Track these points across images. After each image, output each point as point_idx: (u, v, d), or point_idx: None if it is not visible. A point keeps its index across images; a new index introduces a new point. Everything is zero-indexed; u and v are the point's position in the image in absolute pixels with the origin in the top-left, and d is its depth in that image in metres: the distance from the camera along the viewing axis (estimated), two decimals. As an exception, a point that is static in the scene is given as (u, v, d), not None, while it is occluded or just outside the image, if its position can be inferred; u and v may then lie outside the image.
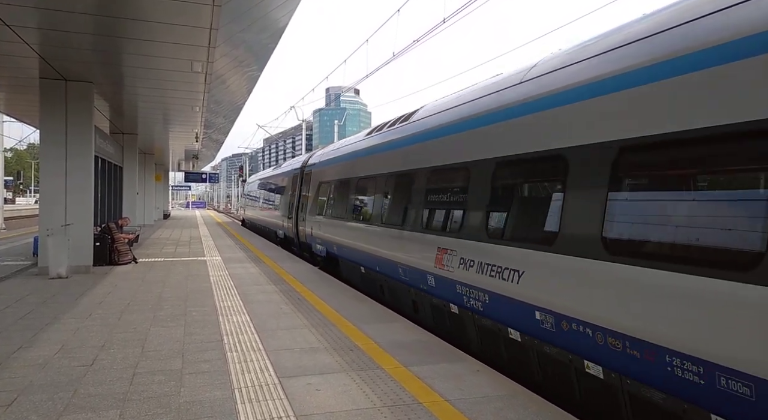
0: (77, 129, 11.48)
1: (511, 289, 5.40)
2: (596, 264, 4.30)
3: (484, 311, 5.98)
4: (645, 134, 4.01)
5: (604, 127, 4.44)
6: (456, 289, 6.56)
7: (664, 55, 3.99)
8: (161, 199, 38.21)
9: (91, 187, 11.84)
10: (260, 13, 9.47)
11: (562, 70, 5.24)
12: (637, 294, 3.88)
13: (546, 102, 5.28)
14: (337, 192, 12.65)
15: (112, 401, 4.29)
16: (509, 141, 5.85)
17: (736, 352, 3.20)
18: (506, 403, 4.29)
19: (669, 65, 3.92)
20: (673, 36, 4.01)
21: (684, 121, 3.72)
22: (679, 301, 3.57)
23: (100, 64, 10.47)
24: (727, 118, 3.43)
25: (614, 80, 4.43)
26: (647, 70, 4.11)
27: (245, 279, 10.72)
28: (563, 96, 5.03)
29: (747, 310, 3.14)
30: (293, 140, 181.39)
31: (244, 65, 13.36)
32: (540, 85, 5.50)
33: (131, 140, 21.21)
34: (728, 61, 3.47)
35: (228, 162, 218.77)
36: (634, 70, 4.24)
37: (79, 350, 5.72)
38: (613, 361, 4.11)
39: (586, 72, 4.81)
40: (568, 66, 5.19)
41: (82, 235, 11.49)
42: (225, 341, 6.09)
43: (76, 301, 8.42)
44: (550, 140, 5.11)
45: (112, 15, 7.76)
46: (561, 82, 5.15)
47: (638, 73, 4.19)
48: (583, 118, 4.70)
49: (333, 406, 4.20)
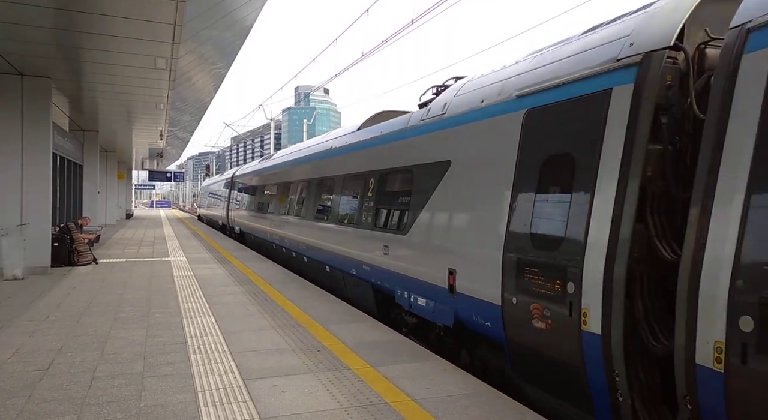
0: (34, 125, 11.09)
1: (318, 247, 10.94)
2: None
3: (332, 263, 10.08)
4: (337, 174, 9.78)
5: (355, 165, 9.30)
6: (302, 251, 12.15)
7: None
8: (124, 198, 37.29)
9: (48, 185, 11.46)
10: (226, 10, 9.34)
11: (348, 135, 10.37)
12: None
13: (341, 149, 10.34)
14: (246, 194, 20.34)
15: (69, 406, 4.16)
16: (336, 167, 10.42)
17: None
18: (472, 401, 4.34)
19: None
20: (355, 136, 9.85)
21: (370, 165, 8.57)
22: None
23: (58, 59, 10.14)
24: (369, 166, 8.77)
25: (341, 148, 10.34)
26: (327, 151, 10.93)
27: (211, 280, 10.54)
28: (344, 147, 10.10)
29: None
30: (262, 139, 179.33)
31: (210, 63, 13.16)
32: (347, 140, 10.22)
33: (92, 137, 20.62)
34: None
35: (194, 161, 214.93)
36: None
37: (35, 354, 5.52)
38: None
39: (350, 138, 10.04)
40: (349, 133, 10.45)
41: (40, 235, 11.11)
42: (189, 343, 5.97)
43: (33, 303, 8.12)
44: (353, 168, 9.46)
45: (71, 8, 7.53)
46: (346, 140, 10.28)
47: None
48: (352, 159, 9.49)
49: (299, 407, 4.17)
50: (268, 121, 42.98)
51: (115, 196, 30.33)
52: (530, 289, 4.47)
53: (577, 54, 4.53)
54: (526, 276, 4.53)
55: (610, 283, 3.70)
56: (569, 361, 4.08)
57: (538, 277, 4.40)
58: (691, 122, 3.67)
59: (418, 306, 6.62)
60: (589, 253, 3.90)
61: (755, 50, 3.05)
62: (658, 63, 3.68)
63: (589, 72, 4.22)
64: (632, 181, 3.69)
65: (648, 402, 3.66)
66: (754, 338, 2.78)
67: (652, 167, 3.68)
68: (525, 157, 4.80)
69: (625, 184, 3.73)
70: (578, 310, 3.95)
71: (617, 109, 3.87)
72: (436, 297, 6.12)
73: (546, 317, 4.28)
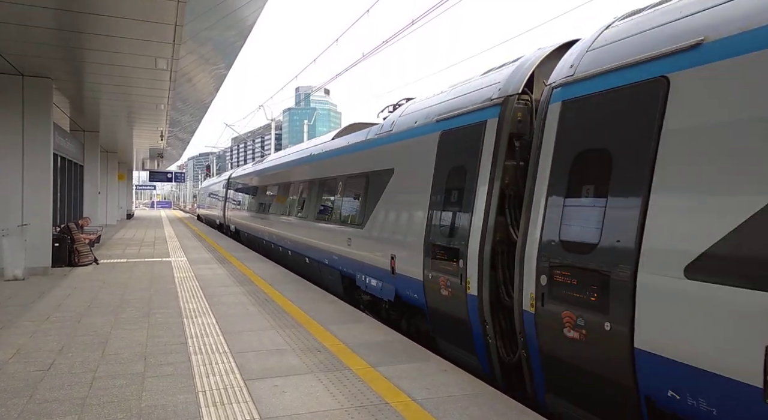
0: (35, 126, 11.09)
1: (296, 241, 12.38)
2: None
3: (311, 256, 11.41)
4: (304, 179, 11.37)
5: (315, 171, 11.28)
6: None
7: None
8: (124, 199, 37.29)
9: (49, 186, 11.46)
10: (227, 10, 9.34)
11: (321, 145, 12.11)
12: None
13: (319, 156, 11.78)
14: (240, 195, 22.32)
15: (70, 406, 4.16)
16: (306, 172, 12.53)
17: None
18: (472, 401, 4.34)
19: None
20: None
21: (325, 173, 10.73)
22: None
23: (59, 59, 10.14)
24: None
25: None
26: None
27: (212, 280, 10.54)
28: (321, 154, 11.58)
29: None
30: (262, 140, 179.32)
31: (211, 63, 13.16)
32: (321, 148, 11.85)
33: (93, 138, 20.61)
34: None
35: (195, 161, 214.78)
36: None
37: (36, 354, 5.52)
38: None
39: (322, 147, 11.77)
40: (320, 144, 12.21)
41: (40, 236, 11.12)
42: (189, 344, 5.97)
43: (33, 303, 8.13)
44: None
45: (73, 9, 7.53)
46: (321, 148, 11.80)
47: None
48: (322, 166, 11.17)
49: (299, 408, 4.17)
50: (269, 122, 42.97)
51: (116, 197, 30.31)
52: (439, 266, 5.99)
53: (471, 92, 6.06)
54: (437, 257, 6.06)
55: (482, 258, 5.23)
56: (462, 317, 5.58)
57: (443, 257, 5.91)
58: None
59: (371, 286, 8.09)
60: (471, 237, 5.40)
61: (555, 102, 4.49)
62: (512, 104, 5.25)
63: (474, 107, 5.79)
64: (496, 186, 5.22)
65: (505, 341, 5.22)
66: (547, 289, 4.24)
67: (508, 177, 5.21)
68: (438, 168, 6.31)
69: (492, 188, 5.25)
70: (465, 278, 5.44)
71: (488, 135, 5.39)
72: (383, 278, 7.59)
73: (448, 286, 5.79)
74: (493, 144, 5.26)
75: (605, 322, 3.67)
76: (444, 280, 5.85)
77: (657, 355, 3.30)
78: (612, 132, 3.86)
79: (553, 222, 4.25)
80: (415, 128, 7.13)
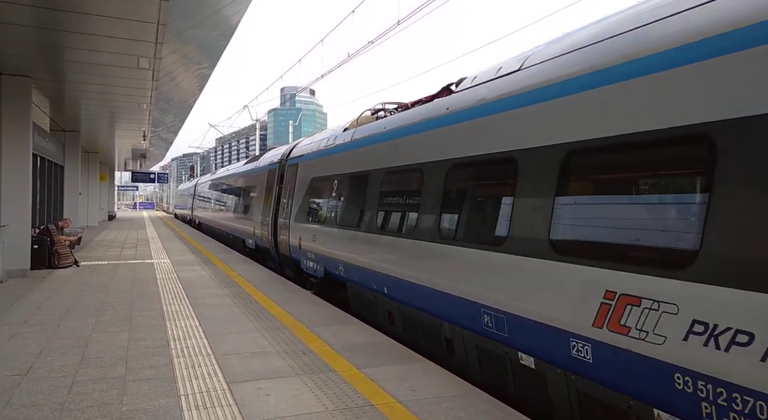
0: (13, 126, 10.90)
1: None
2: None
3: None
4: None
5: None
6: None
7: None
8: (106, 200, 36.76)
9: (28, 186, 11.26)
10: (211, 10, 9.26)
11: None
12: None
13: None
14: (204, 197, 29.03)
15: (49, 411, 4.08)
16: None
17: None
18: (457, 402, 4.34)
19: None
20: None
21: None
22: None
23: (39, 58, 9.97)
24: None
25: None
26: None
27: (195, 282, 10.43)
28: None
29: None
30: (247, 140, 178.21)
31: (195, 63, 13.03)
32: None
33: (73, 138, 20.30)
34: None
35: (178, 162, 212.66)
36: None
37: (13, 358, 5.41)
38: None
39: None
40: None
41: (19, 237, 10.92)
42: (172, 346, 5.90)
43: (11, 306, 7.97)
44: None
45: (53, 7, 7.40)
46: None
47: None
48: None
49: (284, 411, 4.13)
50: (254, 122, 42.71)
51: (97, 198, 29.90)
52: (270, 230, 13.70)
53: (274, 156, 15.03)
54: (293, 231, 11.74)
55: (275, 228, 13.17)
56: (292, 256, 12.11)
57: (287, 230, 12.28)
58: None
59: (249, 243, 16.52)
60: (279, 219, 12.78)
61: (285, 165, 13.29)
62: (283, 163, 13.53)
63: (277, 159, 14.24)
64: (275, 196, 13.45)
65: (280, 256, 13.07)
66: (284, 233, 12.46)
67: (278, 194, 13.30)
68: (267, 186, 14.78)
69: (277, 197, 13.32)
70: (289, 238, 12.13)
71: (277, 173, 13.66)
72: (255, 239, 15.45)
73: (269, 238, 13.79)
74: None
75: (282, 238, 12.48)
76: (266, 235, 13.97)
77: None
78: (290, 178, 12.25)
79: (284, 210, 12.21)
80: (260, 167, 16.24)
